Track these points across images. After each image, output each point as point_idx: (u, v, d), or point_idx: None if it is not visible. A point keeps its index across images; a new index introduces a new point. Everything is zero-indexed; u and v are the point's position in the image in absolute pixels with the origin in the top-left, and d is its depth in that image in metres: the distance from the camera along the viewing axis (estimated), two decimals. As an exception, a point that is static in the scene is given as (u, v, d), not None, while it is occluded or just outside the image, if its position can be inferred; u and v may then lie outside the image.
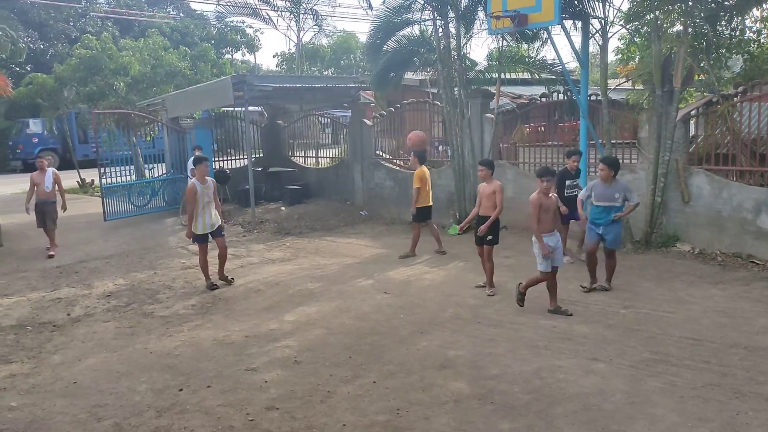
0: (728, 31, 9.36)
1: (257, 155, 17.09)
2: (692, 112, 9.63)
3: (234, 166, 16.63)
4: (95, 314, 7.36)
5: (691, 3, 8.89)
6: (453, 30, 11.62)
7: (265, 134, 17.81)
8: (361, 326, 6.56)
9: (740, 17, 9.31)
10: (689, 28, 8.96)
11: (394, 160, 14.00)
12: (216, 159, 16.19)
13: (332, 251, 10.53)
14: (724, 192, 8.78)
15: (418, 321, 6.66)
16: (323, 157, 17.42)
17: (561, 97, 11.21)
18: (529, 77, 12.80)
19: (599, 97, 9.95)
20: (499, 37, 11.32)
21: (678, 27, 9.18)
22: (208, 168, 8.42)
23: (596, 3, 9.57)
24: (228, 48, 35.02)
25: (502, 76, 12.06)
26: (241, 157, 16.77)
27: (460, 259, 9.39)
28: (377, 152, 14.35)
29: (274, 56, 61.64)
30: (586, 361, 5.40)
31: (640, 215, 9.10)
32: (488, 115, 11.77)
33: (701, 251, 8.96)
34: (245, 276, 8.75)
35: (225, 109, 16.52)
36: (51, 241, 10.68)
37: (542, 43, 12.08)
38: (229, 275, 8.58)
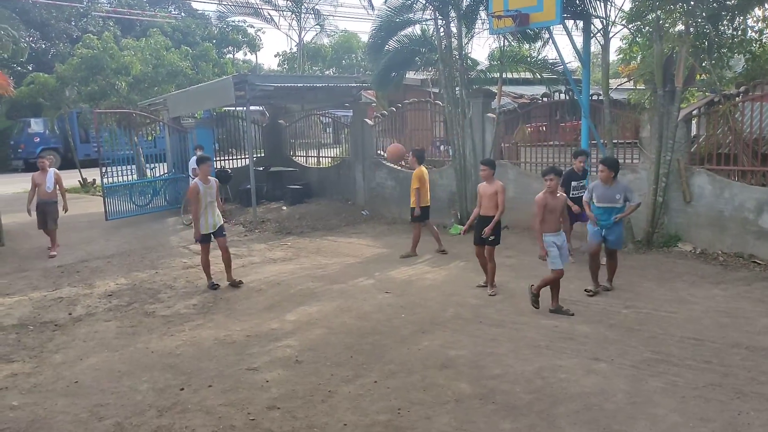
0: (730, 31, 9.35)
1: (259, 155, 17.09)
2: (694, 112, 9.62)
3: (235, 166, 16.63)
4: (97, 313, 7.37)
5: (692, 3, 8.88)
6: (454, 29, 11.62)
7: (267, 134, 17.80)
8: (363, 326, 6.57)
9: (742, 17, 9.29)
10: (691, 28, 8.95)
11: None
12: (217, 158, 16.19)
13: (333, 251, 10.54)
14: (725, 192, 8.77)
15: (419, 321, 6.66)
16: (325, 157, 17.42)
17: (562, 96, 11.21)
18: (530, 77, 12.79)
19: (601, 97, 9.94)
20: (501, 36, 11.31)
21: (680, 26, 9.17)
22: (211, 168, 8.41)
23: (598, 2, 9.57)
24: (229, 47, 34.98)
25: (504, 75, 12.04)
26: (243, 156, 16.77)
27: (461, 258, 9.38)
28: (378, 152, 14.34)
29: (275, 56, 61.68)
30: (587, 361, 5.40)
31: (642, 215, 9.09)
32: (490, 114, 11.76)
33: (703, 251, 8.95)
34: (247, 275, 8.75)
35: (226, 108, 16.52)
36: (52, 242, 10.69)
37: (544, 43, 12.08)
38: (237, 277, 8.47)
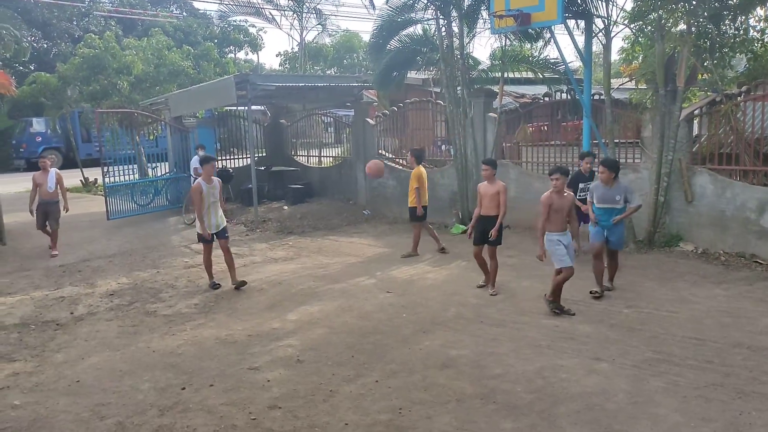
0: (732, 31, 9.34)
1: (260, 154, 17.09)
2: (695, 112, 9.62)
3: (237, 165, 16.63)
4: (98, 313, 7.38)
5: (694, 2, 8.87)
6: (456, 29, 11.62)
7: (268, 133, 17.80)
8: (364, 325, 6.57)
9: (744, 16, 9.28)
10: (693, 27, 8.94)
11: (397, 160, 13.99)
12: (219, 158, 16.19)
13: (335, 250, 10.54)
14: (727, 191, 8.77)
15: (420, 320, 6.66)
16: (326, 157, 17.42)
17: (564, 96, 11.20)
18: (532, 76, 12.77)
19: (602, 97, 9.94)
20: (502, 36, 11.31)
21: (681, 26, 9.16)
22: (215, 168, 8.39)
23: (599, 2, 9.57)
24: (231, 47, 35.03)
25: (505, 75, 12.05)
26: (244, 156, 16.78)
27: (463, 258, 9.38)
28: (380, 151, 14.34)
29: (277, 55, 61.68)
30: (588, 361, 5.40)
31: (644, 215, 9.08)
32: (491, 114, 11.76)
33: (704, 251, 8.95)
34: (248, 275, 8.75)
35: (228, 108, 16.53)
36: (54, 241, 10.69)
37: (545, 43, 12.06)
38: (240, 278, 8.34)
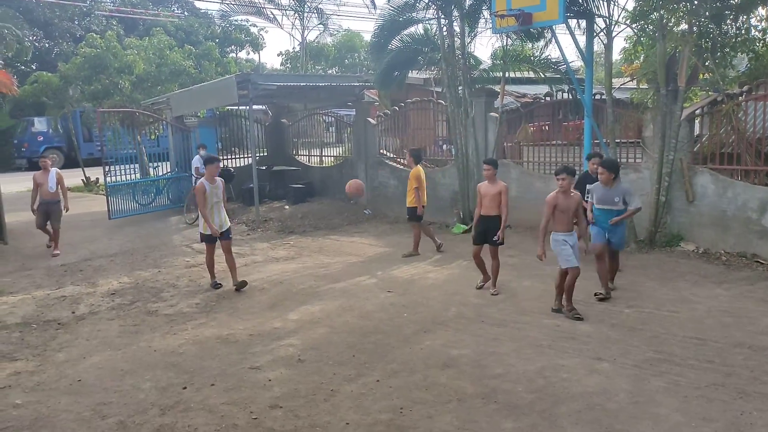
0: (733, 30, 9.32)
1: (261, 154, 17.10)
2: (697, 111, 9.60)
3: (238, 165, 16.64)
4: (100, 312, 7.38)
5: (696, 2, 8.85)
6: (457, 29, 11.61)
7: (270, 133, 17.81)
8: (365, 325, 6.57)
9: (745, 16, 9.26)
10: (694, 27, 8.93)
11: (398, 159, 14.00)
12: (220, 158, 16.19)
13: (336, 250, 10.55)
14: (728, 191, 8.76)
15: (421, 320, 6.66)
16: (327, 156, 17.43)
17: (565, 96, 11.19)
18: (533, 76, 12.77)
19: (603, 96, 9.93)
20: (504, 35, 11.30)
21: (683, 26, 9.14)
22: (219, 168, 8.36)
23: (601, 2, 9.56)
24: (232, 47, 35.06)
25: (507, 74, 12.05)
26: (246, 155, 16.79)
27: (464, 258, 9.37)
28: (381, 151, 14.35)
29: (278, 55, 61.88)
30: (589, 361, 5.40)
31: (645, 214, 9.07)
32: (492, 114, 11.75)
33: (705, 251, 8.94)
34: (249, 275, 8.76)
35: (229, 107, 16.54)
36: (55, 242, 10.70)
37: (547, 42, 12.07)
38: (240, 278, 8.23)
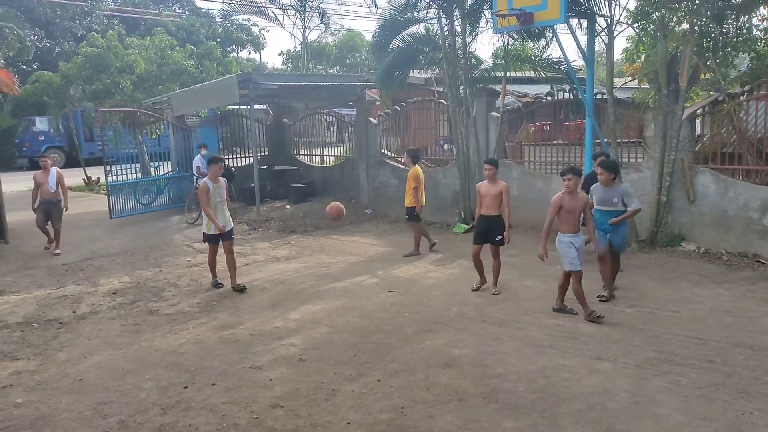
0: (735, 30, 9.31)
1: (262, 153, 17.11)
2: (698, 111, 9.59)
3: (239, 164, 16.66)
4: (101, 312, 7.39)
5: (697, 2, 8.84)
6: (458, 28, 11.61)
7: (271, 132, 17.83)
8: (366, 325, 6.57)
9: (747, 15, 9.25)
10: (696, 27, 8.91)
11: (399, 159, 14.00)
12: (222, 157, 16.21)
13: (337, 249, 10.55)
14: (729, 191, 8.75)
15: (422, 319, 6.66)
16: (328, 156, 17.43)
17: (566, 95, 11.19)
18: (534, 76, 12.76)
19: (605, 96, 9.92)
20: (505, 35, 11.29)
21: (684, 25, 9.14)
22: (222, 168, 8.35)
23: (602, 1, 9.55)
24: (233, 46, 35.06)
25: (508, 74, 12.04)
26: (247, 155, 16.80)
27: (464, 257, 9.36)
28: (382, 150, 14.35)
29: (279, 54, 61.75)
30: (590, 360, 5.40)
31: (646, 214, 9.07)
32: (493, 113, 11.75)
33: (707, 250, 8.93)
34: (250, 274, 8.77)
35: (230, 107, 16.55)
36: (56, 241, 10.71)
37: (548, 42, 12.05)
38: (240, 282, 8.18)
